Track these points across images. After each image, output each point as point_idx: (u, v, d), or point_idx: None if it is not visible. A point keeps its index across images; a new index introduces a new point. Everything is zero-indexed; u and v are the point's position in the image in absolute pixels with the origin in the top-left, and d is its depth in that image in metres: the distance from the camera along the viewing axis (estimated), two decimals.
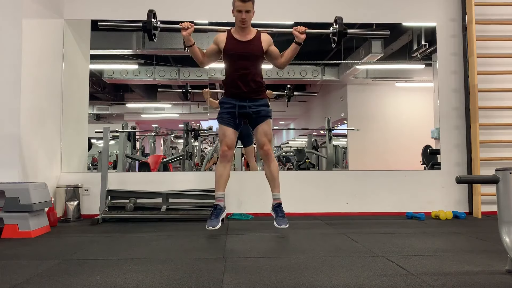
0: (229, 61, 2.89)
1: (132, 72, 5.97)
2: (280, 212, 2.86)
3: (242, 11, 2.76)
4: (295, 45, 2.90)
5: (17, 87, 3.35)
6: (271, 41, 2.94)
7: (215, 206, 2.86)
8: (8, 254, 2.38)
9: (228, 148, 2.82)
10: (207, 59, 2.96)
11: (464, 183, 3.06)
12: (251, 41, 2.86)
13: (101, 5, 4.22)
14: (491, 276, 1.84)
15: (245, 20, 2.78)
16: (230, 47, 2.85)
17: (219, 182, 2.86)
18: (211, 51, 2.93)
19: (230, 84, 2.90)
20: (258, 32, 2.92)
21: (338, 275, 1.84)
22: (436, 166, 4.44)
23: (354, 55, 5.80)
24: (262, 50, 2.87)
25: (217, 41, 2.90)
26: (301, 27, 2.88)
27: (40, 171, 3.66)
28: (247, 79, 2.84)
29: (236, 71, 2.85)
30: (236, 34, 2.88)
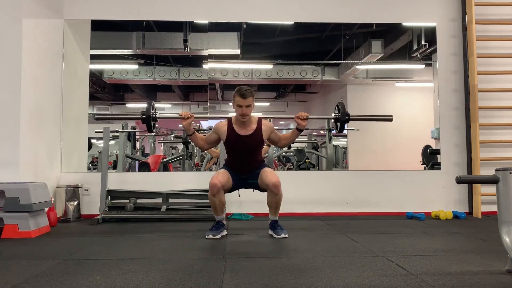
0: (230, 150, 2.95)
1: (132, 72, 5.96)
2: (278, 226, 2.91)
3: (243, 106, 2.77)
4: (296, 131, 2.94)
5: (17, 87, 3.35)
6: (272, 128, 2.96)
7: (216, 222, 2.92)
8: (8, 254, 2.38)
9: (218, 182, 2.78)
10: (208, 144, 3.01)
11: (464, 183, 3.06)
12: (252, 135, 2.86)
13: (101, 5, 4.22)
14: (491, 276, 1.84)
15: (246, 114, 2.79)
16: (231, 141, 2.88)
17: (216, 209, 2.88)
18: (212, 138, 2.97)
19: (231, 163, 2.95)
20: (259, 123, 2.90)
21: (338, 275, 1.84)
22: (436, 166, 4.44)
23: (354, 55, 5.80)
24: (262, 141, 2.92)
25: (218, 131, 2.92)
26: (302, 114, 2.89)
27: (40, 171, 3.66)
28: (249, 163, 2.91)
29: (238, 158, 2.92)
30: (236, 126, 2.87)
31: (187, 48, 4.88)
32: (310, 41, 6.15)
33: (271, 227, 2.93)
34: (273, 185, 2.75)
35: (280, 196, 2.82)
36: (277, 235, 2.83)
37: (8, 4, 3.37)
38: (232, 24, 4.55)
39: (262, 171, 2.86)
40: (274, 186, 2.76)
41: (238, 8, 4.29)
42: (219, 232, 2.85)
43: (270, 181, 2.76)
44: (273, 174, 2.83)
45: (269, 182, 2.76)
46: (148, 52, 5.48)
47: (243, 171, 2.91)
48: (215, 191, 2.77)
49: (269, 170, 2.88)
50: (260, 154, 2.99)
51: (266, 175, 2.81)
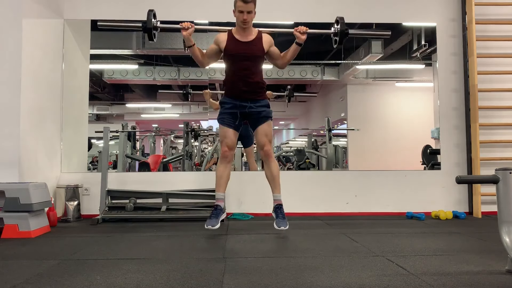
0: (229, 62, 2.88)
1: (132, 72, 5.96)
2: (281, 214, 2.85)
3: (244, 12, 2.75)
4: (295, 45, 2.88)
5: (17, 87, 3.35)
6: (272, 41, 2.93)
7: (215, 207, 2.86)
8: (8, 254, 2.38)
9: (228, 149, 2.82)
10: (207, 59, 2.95)
11: (464, 183, 3.06)
12: (252, 41, 2.85)
13: (101, 5, 4.22)
14: (491, 276, 1.84)
15: (247, 21, 2.77)
16: (231, 48, 2.84)
17: (219, 183, 2.86)
18: (212, 51, 2.91)
19: (230, 85, 2.89)
20: (259, 33, 2.91)
21: (338, 275, 1.84)
22: (436, 166, 4.44)
23: (354, 55, 5.80)
24: (263, 50, 2.87)
25: (217, 41, 2.89)
26: (302, 27, 2.86)
27: (40, 171, 3.66)
28: (248, 79, 2.83)
29: (237, 72, 2.84)
30: (237, 35, 2.87)
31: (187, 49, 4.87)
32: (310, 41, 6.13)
33: (274, 210, 2.88)
34: (264, 153, 2.73)
35: (275, 167, 2.80)
36: (277, 226, 2.77)
37: (8, 4, 3.37)
38: (232, 24, 4.54)
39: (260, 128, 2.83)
40: (264, 155, 2.73)
41: None
42: (217, 220, 2.78)
43: (261, 145, 2.75)
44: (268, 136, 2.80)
45: (260, 146, 2.75)
46: (148, 52, 5.48)
47: (244, 95, 2.84)
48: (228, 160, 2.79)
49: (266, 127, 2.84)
50: (261, 74, 2.91)
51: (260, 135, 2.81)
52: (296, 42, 2.87)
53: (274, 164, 2.85)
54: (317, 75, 6.15)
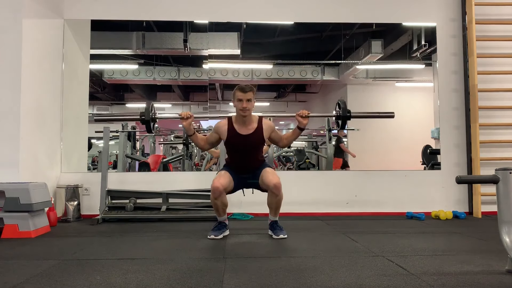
0: (231, 149, 2.93)
1: (132, 72, 5.96)
2: (278, 227, 2.90)
3: (243, 100, 2.75)
4: (297, 130, 2.90)
5: (17, 87, 3.35)
6: (273, 128, 2.93)
7: (219, 222, 2.91)
8: (8, 254, 2.38)
9: (220, 186, 2.75)
10: (208, 145, 2.99)
11: (464, 183, 3.06)
12: (252, 134, 2.84)
13: (101, 5, 4.22)
14: (491, 276, 1.84)
15: (246, 109, 2.77)
16: (232, 140, 2.86)
17: (218, 211, 2.87)
18: (212, 139, 2.94)
19: (232, 163, 2.94)
20: (259, 122, 2.88)
21: (338, 275, 1.84)
22: (436, 166, 4.44)
23: (354, 55, 5.80)
24: (263, 140, 2.90)
25: (218, 130, 2.90)
26: (303, 111, 2.86)
27: (40, 171, 3.66)
28: (250, 163, 2.89)
29: (238, 158, 2.90)
30: (237, 125, 2.85)
31: (187, 48, 4.88)
32: (310, 41, 6.15)
33: (270, 228, 2.92)
34: (274, 186, 2.74)
35: (281, 197, 2.81)
36: (276, 235, 2.82)
37: (8, 4, 3.37)
38: (232, 24, 4.55)
39: (263, 171, 2.85)
40: (275, 187, 2.75)
41: (238, 8, 4.28)
42: (221, 232, 2.85)
43: (271, 182, 2.75)
44: (274, 174, 2.82)
45: (269, 183, 2.75)
46: (148, 52, 5.48)
47: (244, 171, 2.90)
48: (217, 194, 2.76)
49: (270, 170, 2.87)
50: (261, 154, 2.98)
51: (266, 176, 2.80)
52: (298, 127, 2.88)
53: (281, 195, 2.84)
54: (317, 75, 6.15)
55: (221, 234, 2.84)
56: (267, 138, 2.91)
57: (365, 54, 5.49)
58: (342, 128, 3.11)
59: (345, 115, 3.03)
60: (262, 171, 2.85)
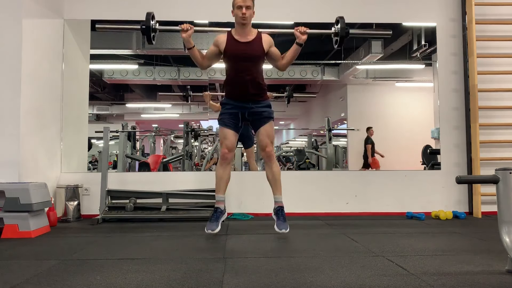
0: (230, 63, 2.87)
1: (132, 72, 5.96)
2: (282, 216, 2.85)
3: (243, 7, 2.74)
4: (296, 46, 2.86)
5: (17, 87, 3.35)
6: (272, 42, 2.92)
7: (215, 209, 2.87)
8: (8, 254, 2.38)
9: (228, 151, 2.80)
10: (207, 61, 2.93)
11: (464, 183, 3.06)
12: (252, 42, 2.84)
13: (101, 5, 4.22)
14: (491, 276, 1.84)
15: (246, 16, 2.76)
16: (231, 49, 2.82)
17: (220, 185, 2.85)
18: (211, 53, 2.90)
19: (231, 86, 2.88)
20: (259, 33, 2.90)
21: (338, 275, 1.84)
22: (436, 166, 4.44)
23: (354, 55, 5.80)
24: (263, 51, 2.85)
25: (217, 42, 2.87)
26: (302, 28, 2.84)
27: (40, 171, 3.66)
28: (249, 80, 2.81)
29: (237, 73, 2.83)
30: (236, 35, 2.85)
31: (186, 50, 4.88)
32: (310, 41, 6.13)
33: (275, 213, 2.86)
34: (266, 154, 2.71)
35: (276, 168, 2.78)
36: (278, 229, 2.76)
37: (8, 4, 3.37)
38: (232, 24, 4.54)
39: (262, 128, 2.81)
40: (266, 156, 2.71)
41: None
42: (218, 223, 2.78)
43: (263, 146, 2.72)
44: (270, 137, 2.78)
45: (262, 146, 2.72)
46: (148, 52, 5.48)
47: (244, 96, 2.82)
48: (227, 161, 2.76)
49: (269, 128, 2.82)
50: (262, 74, 2.89)
51: (262, 137, 2.78)
52: (297, 42, 2.85)
53: (276, 165, 2.84)
54: (317, 75, 6.15)
55: (219, 225, 2.78)
56: (266, 49, 2.86)
57: (365, 54, 5.49)
58: (340, 46, 3.01)
59: (343, 33, 2.95)
60: (261, 127, 2.82)
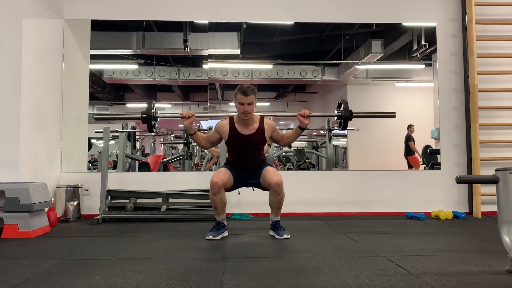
0: (232, 149, 2.93)
1: (132, 72, 5.96)
2: (280, 227, 2.88)
3: (245, 104, 2.74)
4: (299, 129, 2.89)
5: (17, 87, 3.35)
6: (274, 127, 2.92)
7: (217, 222, 2.89)
8: (8, 254, 2.38)
9: (219, 181, 2.75)
10: (209, 144, 2.98)
11: (464, 183, 3.06)
12: (254, 134, 2.84)
13: (101, 5, 4.22)
14: (491, 276, 1.84)
15: (247, 112, 2.76)
16: (233, 141, 2.86)
17: (217, 209, 2.85)
18: (213, 138, 2.94)
19: (233, 161, 2.93)
20: (261, 122, 2.88)
21: (338, 275, 1.84)
22: (436, 166, 4.44)
23: (354, 55, 5.80)
24: (265, 140, 2.90)
25: (219, 131, 2.90)
26: (305, 111, 2.85)
27: (40, 171, 3.66)
28: (251, 162, 2.89)
29: (240, 157, 2.90)
30: (238, 125, 2.85)
31: (187, 48, 4.88)
32: (310, 41, 6.15)
33: (272, 228, 2.91)
34: (276, 184, 2.73)
35: (283, 196, 2.80)
36: (279, 236, 2.80)
37: (8, 4, 3.37)
38: (232, 24, 4.55)
39: (265, 170, 2.84)
40: (277, 186, 2.74)
41: (238, 8, 4.28)
42: (219, 233, 2.83)
43: (273, 181, 2.74)
44: (275, 173, 2.82)
45: (271, 182, 2.75)
46: (148, 52, 5.48)
47: (245, 170, 2.90)
48: (216, 189, 2.75)
49: (271, 169, 2.86)
50: (262, 153, 2.98)
51: (268, 175, 2.80)
52: (299, 126, 2.87)
53: (283, 194, 2.82)
54: (317, 75, 6.15)
55: (220, 235, 2.82)
56: (268, 137, 2.91)
57: (365, 54, 5.49)
58: (344, 128, 3.09)
59: (346, 115, 3.02)
60: (263, 170, 2.85)
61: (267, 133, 2.88)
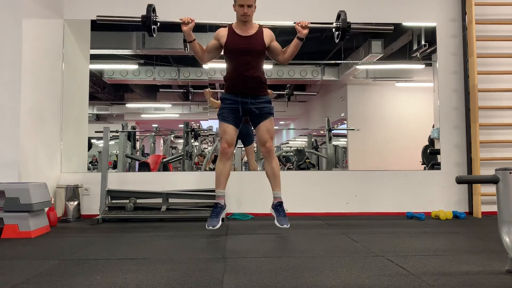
0: (230, 57, 2.85)
1: (132, 72, 5.97)
2: (282, 211, 2.82)
3: (244, 6, 2.72)
4: (297, 40, 2.83)
5: (17, 87, 3.35)
6: (273, 36, 2.90)
7: (215, 205, 2.83)
8: (8, 254, 2.38)
9: (228, 146, 2.77)
10: (208, 54, 2.91)
11: (464, 183, 3.06)
12: (253, 36, 2.81)
13: (101, 5, 4.22)
14: (491, 276, 1.84)
15: (247, 14, 2.74)
16: (232, 42, 2.80)
17: (219, 179, 2.82)
18: (212, 46, 2.88)
19: (231, 80, 2.86)
20: (260, 27, 2.87)
21: (338, 275, 1.84)
22: (436, 166, 4.44)
23: (354, 55, 5.80)
24: (264, 45, 2.83)
25: (218, 36, 2.86)
26: (303, 22, 2.81)
27: (40, 171, 3.66)
28: (249, 75, 2.80)
29: (238, 67, 2.81)
30: (237, 29, 2.83)
31: (187, 48, 4.88)
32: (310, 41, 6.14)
33: (274, 208, 2.83)
34: (265, 149, 2.69)
35: (276, 163, 2.76)
36: (279, 224, 2.73)
37: (8, 4, 3.37)
38: None
39: (262, 123, 2.80)
40: (266, 151, 2.69)
41: None
42: (218, 219, 2.75)
43: (262, 142, 2.69)
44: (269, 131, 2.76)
45: (261, 142, 2.69)
46: (148, 52, 5.49)
47: (244, 89, 2.81)
48: (227, 156, 2.73)
49: (268, 125, 2.80)
50: (262, 70, 2.88)
51: (262, 133, 2.76)
52: (298, 36, 2.82)
53: (275, 161, 2.81)
54: (317, 75, 6.15)
55: (219, 221, 2.75)
56: (267, 44, 2.85)
57: (365, 54, 5.49)
58: (341, 40, 2.98)
59: (344, 27, 2.92)
60: (261, 123, 2.80)
61: (266, 39, 2.83)
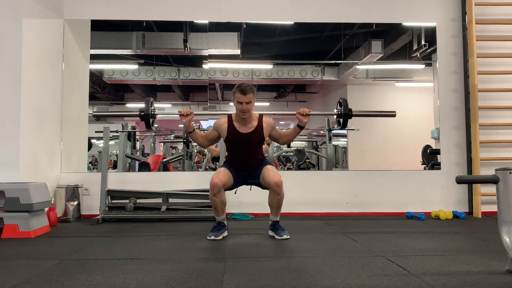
0: (231, 147, 2.92)
1: (132, 72, 5.96)
2: (279, 227, 2.87)
3: (243, 103, 2.73)
4: (297, 128, 2.89)
5: (17, 87, 3.35)
6: (273, 125, 2.92)
7: (218, 223, 2.89)
8: (8, 254, 2.38)
9: (219, 182, 2.75)
10: (208, 142, 2.97)
11: (464, 183, 3.06)
12: (252, 132, 2.83)
13: (101, 5, 4.22)
14: (491, 276, 1.84)
15: (246, 111, 2.76)
16: (232, 138, 2.85)
17: (217, 209, 2.85)
18: (212, 136, 2.93)
19: (233, 162, 2.93)
20: (260, 120, 2.87)
21: (338, 275, 1.84)
22: (436, 166, 4.44)
23: (354, 55, 5.80)
24: (263, 138, 2.89)
25: (218, 129, 2.89)
26: (304, 109, 2.84)
27: (40, 171, 3.66)
28: (250, 161, 2.89)
29: (239, 155, 2.90)
30: (237, 124, 2.84)
31: (187, 48, 4.89)
32: (310, 41, 6.15)
33: (272, 228, 2.90)
34: (275, 184, 2.73)
35: (282, 196, 2.79)
36: (279, 236, 2.80)
37: (8, 4, 3.37)
38: (232, 24, 4.55)
39: (264, 169, 2.84)
40: (276, 186, 2.73)
41: (238, 8, 4.28)
42: (220, 233, 2.83)
43: (272, 180, 2.74)
44: (275, 172, 2.81)
45: (271, 181, 2.74)
46: (148, 52, 5.48)
47: (244, 168, 2.90)
48: (216, 190, 2.75)
49: (271, 168, 2.85)
50: (261, 151, 2.98)
51: (268, 174, 2.79)
52: (298, 125, 2.88)
53: (283, 194, 2.81)
54: (317, 75, 6.15)
55: (221, 234, 2.82)
56: (267, 136, 2.90)
57: (365, 54, 5.49)
58: (343, 127, 3.09)
59: (346, 113, 3.01)
60: (263, 169, 2.84)
61: (266, 131, 2.87)
